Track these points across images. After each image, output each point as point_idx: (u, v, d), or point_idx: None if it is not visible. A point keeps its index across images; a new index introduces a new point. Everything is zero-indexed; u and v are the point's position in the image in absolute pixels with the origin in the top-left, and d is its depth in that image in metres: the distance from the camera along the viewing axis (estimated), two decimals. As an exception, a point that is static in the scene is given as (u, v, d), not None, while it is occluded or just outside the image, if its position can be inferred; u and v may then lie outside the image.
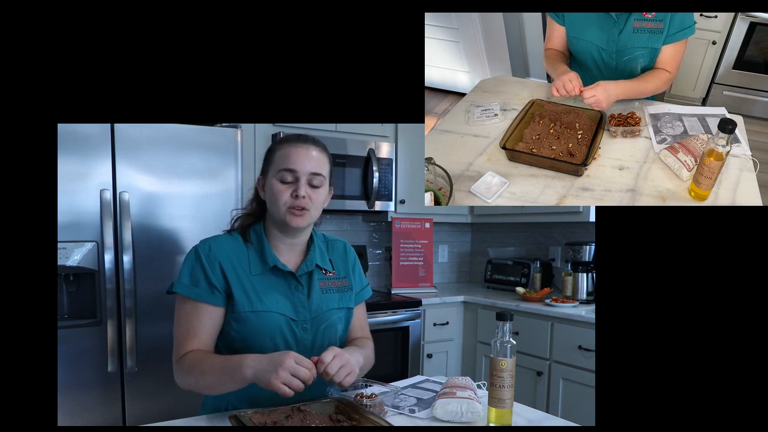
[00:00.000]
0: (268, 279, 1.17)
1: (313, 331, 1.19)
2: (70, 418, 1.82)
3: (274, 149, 1.19)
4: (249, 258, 1.18)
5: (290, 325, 1.16)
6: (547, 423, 1.13)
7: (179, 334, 1.14)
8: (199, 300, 1.13)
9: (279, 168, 1.15)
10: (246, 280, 1.15)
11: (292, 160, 1.14)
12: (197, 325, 1.13)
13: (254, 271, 1.17)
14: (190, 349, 1.12)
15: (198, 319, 1.13)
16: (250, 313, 1.14)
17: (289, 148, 1.16)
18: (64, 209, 1.81)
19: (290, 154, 1.15)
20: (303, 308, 1.18)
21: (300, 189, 1.14)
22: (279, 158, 1.16)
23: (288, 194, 1.14)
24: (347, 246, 1.34)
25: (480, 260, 3.54)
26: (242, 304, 1.14)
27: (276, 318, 1.15)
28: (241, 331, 1.14)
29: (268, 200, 1.18)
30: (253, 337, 1.14)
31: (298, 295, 1.19)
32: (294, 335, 1.17)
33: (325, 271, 1.25)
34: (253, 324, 1.14)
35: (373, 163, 2.72)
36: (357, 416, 1.02)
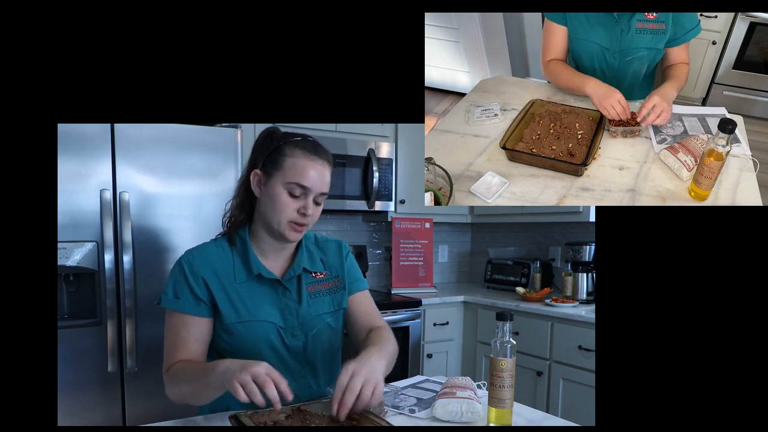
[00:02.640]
0: (253, 287, 1.15)
1: (303, 337, 1.18)
2: (70, 418, 1.82)
3: (282, 151, 1.12)
4: (234, 266, 1.16)
5: (279, 332, 1.15)
6: (547, 423, 1.13)
7: (167, 346, 1.13)
8: (184, 312, 1.12)
9: (290, 180, 1.10)
10: (231, 290, 1.14)
11: (307, 177, 1.10)
12: (184, 336, 1.12)
13: (239, 279, 1.15)
14: (178, 359, 1.11)
15: (185, 330, 1.12)
16: (238, 324, 1.13)
17: (304, 161, 1.11)
18: (64, 209, 1.81)
19: (305, 169, 1.10)
20: (291, 315, 1.17)
21: (309, 207, 1.11)
22: (291, 167, 1.10)
23: (293, 208, 1.11)
24: (342, 244, 1.31)
25: (480, 260, 3.54)
26: (229, 316, 1.13)
27: (264, 327, 1.14)
28: (231, 342, 1.14)
29: (268, 206, 1.13)
30: (243, 348, 1.13)
31: (286, 301, 1.17)
32: (283, 343, 1.16)
33: (314, 274, 1.22)
34: (242, 334, 1.13)
35: (373, 163, 2.72)
36: (357, 416, 1.02)
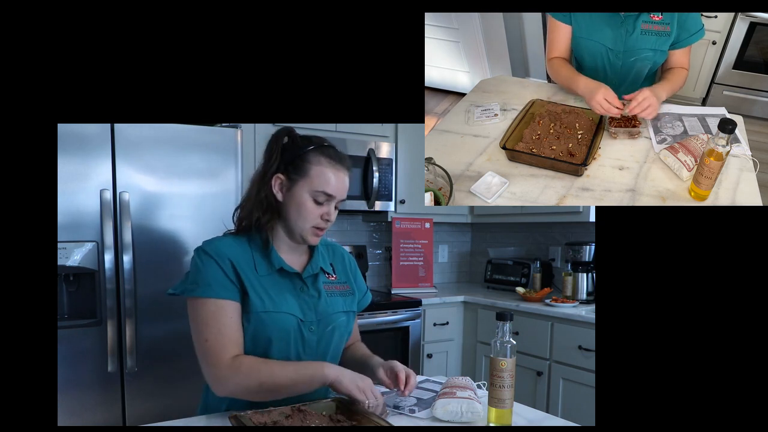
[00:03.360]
0: (275, 279, 1.16)
1: (319, 332, 1.18)
2: (70, 418, 1.82)
3: (306, 158, 1.13)
4: (254, 259, 1.16)
5: (299, 325, 1.16)
6: (547, 423, 1.13)
7: (212, 337, 1.08)
8: (220, 298, 1.09)
9: (317, 188, 1.13)
10: (255, 281, 1.14)
11: (333, 186, 1.14)
12: (230, 323, 1.09)
13: (261, 271, 1.15)
14: (236, 353, 1.08)
15: (227, 316, 1.09)
16: (263, 314, 1.12)
17: (330, 170, 1.14)
18: (64, 209, 1.81)
19: (332, 179, 1.14)
20: (310, 310, 1.18)
21: (332, 214, 1.16)
22: (318, 176, 1.13)
23: (318, 214, 1.14)
24: (345, 252, 1.35)
25: (480, 260, 3.54)
26: (256, 304, 1.12)
27: (288, 319, 1.14)
28: (252, 331, 1.12)
29: (293, 211, 1.15)
30: (263, 337, 1.12)
31: (304, 296, 1.18)
32: (302, 336, 1.16)
33: (328, 275, 1.25)
34: (266, 324, 1.12)
35: (373, 163, 2.72)
36: (357, 416, 1.02)
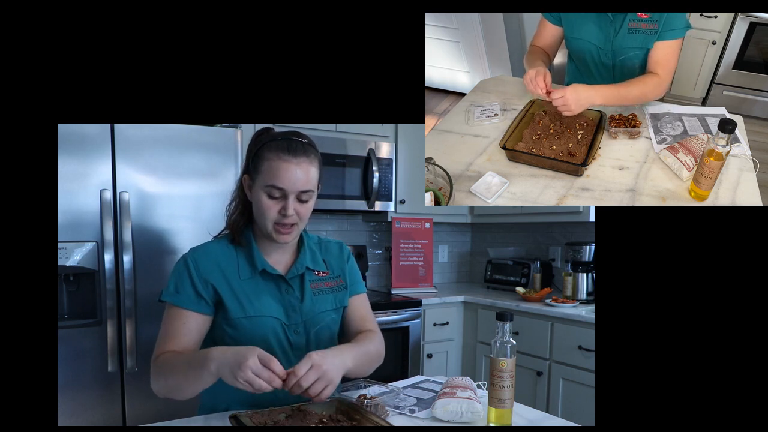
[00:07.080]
0: (257, 283, 1.16)
1: (306, 334, 1.18)
2: (70, 418, 1.82)
3: (261, 154, 1.11)
4: (238, 262, 1.16)
5: (283, 328, 1.16)
6: (547, 423, 1.13)
7: (160, 336, 1.13)
8: (182, 307, 1.12)
9: (266, 183, 1.09)
10: (236, 286, 1.14)
11: (281, 178, 1.08)
12: (178, 327, 1.11)
13: (243, 275, 1.15)
14: (166, 350, 1.10)
15: (180, 322, 1.12)
16: (243, 319, 1.13)
17: (277, 162, 1.08)
18: (64, 209, 1.81)
19: (279, 170, 1.08)
20: (294, 312, 1.17)
21: (288, 208, 1.09)
22: (266, 170, 1.09)
23: (275, 210, 1.10)
24: (343, 245, 1.32)
25: (480, 260, 3.54)
26: (235, 311, 1.13)
27: (269, 322, 1.14)
28: (236, 338, 1.14)
29: (255, 210, 1.14)
30: (247, 343, 1.12)
31: (289, 298, 1.17)
32: (287, 339, 1.16)
33: (317, 272, 1.23)
34: (247, 329, 1.13)
35: (373, 163, 2.72)
36: (357, 416, 1.02)
